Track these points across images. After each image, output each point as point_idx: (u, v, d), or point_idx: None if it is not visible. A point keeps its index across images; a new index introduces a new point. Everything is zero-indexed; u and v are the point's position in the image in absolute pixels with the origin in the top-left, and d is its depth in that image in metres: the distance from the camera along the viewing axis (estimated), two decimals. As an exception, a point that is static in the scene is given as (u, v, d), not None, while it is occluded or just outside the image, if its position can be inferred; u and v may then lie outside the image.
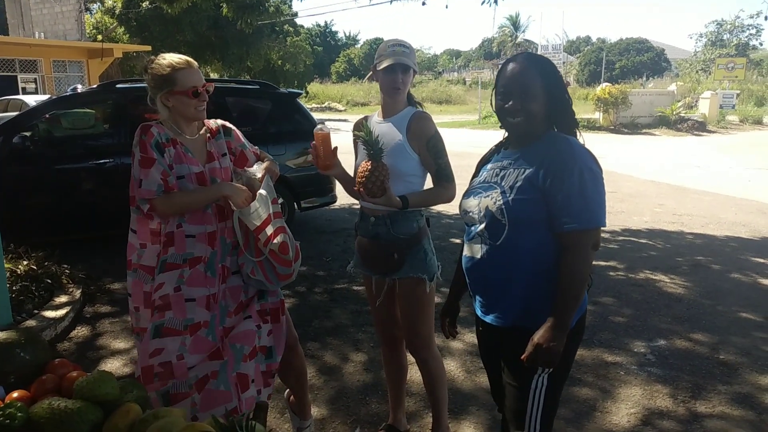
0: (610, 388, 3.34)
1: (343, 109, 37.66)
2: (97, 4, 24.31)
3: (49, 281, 4.54)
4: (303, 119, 6.75)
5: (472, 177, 2.05)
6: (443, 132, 2.50)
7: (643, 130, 22.20)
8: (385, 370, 2.81)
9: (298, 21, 35.43)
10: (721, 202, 9.18)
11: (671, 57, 48.91)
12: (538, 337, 1.75)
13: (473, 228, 1.92)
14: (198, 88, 2.18)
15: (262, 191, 2.28)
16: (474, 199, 1.92)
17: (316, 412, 3.01)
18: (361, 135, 2.22)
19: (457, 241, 6.35)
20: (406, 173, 2.38)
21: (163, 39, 24.93)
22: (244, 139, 2.45)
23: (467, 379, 3.44)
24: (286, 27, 31.26)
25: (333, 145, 2.37)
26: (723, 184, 10.70)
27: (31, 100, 12.87)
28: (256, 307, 2.33)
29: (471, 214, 1.93)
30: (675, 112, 22.99)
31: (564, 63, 33.93)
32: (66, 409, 1.39)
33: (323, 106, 37.87)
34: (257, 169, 2.31)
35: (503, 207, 1.81)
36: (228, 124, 2.41)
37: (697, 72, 38.04)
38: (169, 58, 2.20)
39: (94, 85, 7.00)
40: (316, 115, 7.00)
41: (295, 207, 6.64)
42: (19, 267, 4.53)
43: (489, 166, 1.98)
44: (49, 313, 4.12)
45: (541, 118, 1.86)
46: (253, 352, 2.26)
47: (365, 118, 2.57)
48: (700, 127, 22.24)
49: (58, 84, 21.69)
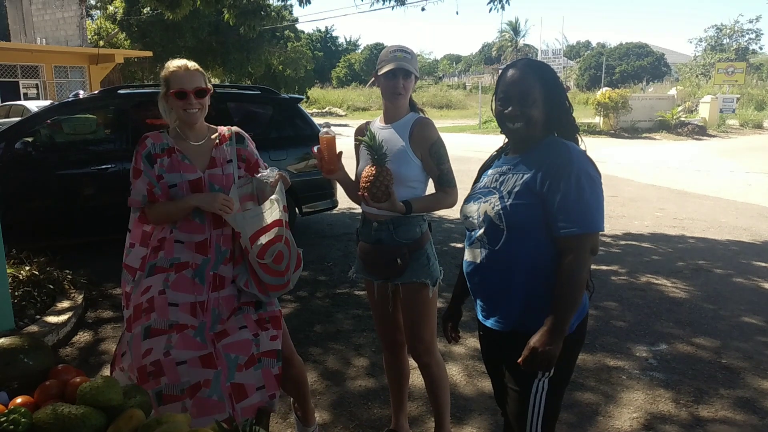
0: (613, 393, 3.33)
1: (343, 114, 37.72)
2: (99, 11, 24.37)
3: (51, 286, 4.54)
4: (304, 124, 6.76)
5: (474, 182, 2.06)
6: (444, 137, 2.51)
7: (644, 135, 22.22)
8: (387, 374, 2.81)
9: (299, 26, 35.52)
10: (722, 206, 9.18)
11: (671, 61, 49.01)
12: (534, 340, 1.75)
13: (473, 233, 1.93)
14: (184, 90, 2.19)
15: (274, 196, 2.29)
16: (474, 204, 1.94)
17: (318, 417, 3.00)
18: (365, 140, 2.22)
19: (458, 245, 6.35)
20: (409, 179, 2.38)
21: (164, 45, 25.01)
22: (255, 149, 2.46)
23: (469, 383, 3.44)
24: (286, 32, 31.38)
25: (338, 149, 2.38)
26: (724, 188, 10.70)
27: (33, 106, 12.93)
28: (253, 317, 2.31)
29: (471, 219, 1.93)
30: (675, 117, 23.01)
31: (564, 68, 33.98)
32: (70, 414, 1.39)
33: (324, 111, 37.95)
34: (270, 174, 2.31)
35: (501, 212, 1.82)
36: (242, 132, 2.41)
37: (697, 76, 38.10)
38: (171, 62, 2.26)
39: (96, 91, 7.01)
40: (316, 120, 7.00)
41: (296, 212, 6.65)
42: (21, 272, 4.54)
43: (490, 171, 1.99)
44: (52, 319, 4.12)
45: (541, 123, 1.87)
46: (251, 361, 2.23)
47: (367, 124, 2.57)
48: (700, 131, 22.25)
49: (60, 90, 21.76)
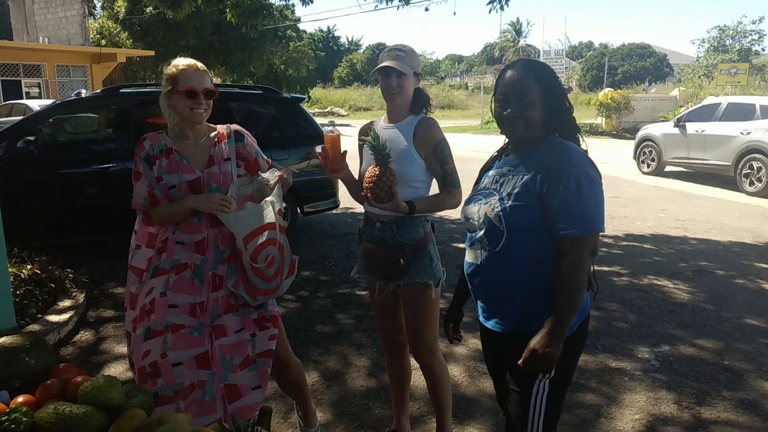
0: (615, 394, 3.33)
1: (345, 113, 37.73)
2: (104, 10, 24.40)
3: (52, 285, 4.54)
4: (306, 124, 6.76)
5: (475, 183, 2.05)
6: (446, 137, 2.50)
7: (646, 135, 22.15)
8: (389, 375, 2.81)
9: (301, 26, 35.53)
10: (724, 207, 9.16)
11: (673, 62, 48.92)
12: (534, 342, 1.74)
13: (474, 234, 1.93)
14: (194, 89, 2.19)
15: (270, 198, 2.29)
16: (474, 206, 1.93)
17: (319, 417, 3.00)
18: (369, 140, 2.22)
19: (460, 246, 6.34)
20: (412, 179, 2.38)
21: (167, 44, 25.04)
22: (257, 146, 2.44)
23: (471, 384, 3.43)
24: (288, 32, 31.39)
25: (342, 148, 2.37)
26: (726, 189, 10.69)
27: (35, 105, 12.93)
28: (252, 316, 2.30)
29: (472, 220, 1.93)
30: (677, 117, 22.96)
31: (566, 68, 33.96)
32: (71, 414, 1.39)
33: (326, 110, 37.96)
34: (270, 176, 2.31)
35: (501, 214, 1.81)
36: (241, 130, 2.40)
37: (699, 77, 37.97)
38: (179, 61, 2.24)
39: (98, 90, 7.02)
40: (318, 120, 7.01)
41: (298, 211, 6.65)
42: (23, 271, 4.54)
43: (490, 172, 1.99)
44: (53, 318, 4.12)
45: (540, 124, 1.86)
46: (246, 361, 2.22)
47: (371, 123, 2.57)
48: (702, 132, 22.18)
49: (62, 88, 21.80)
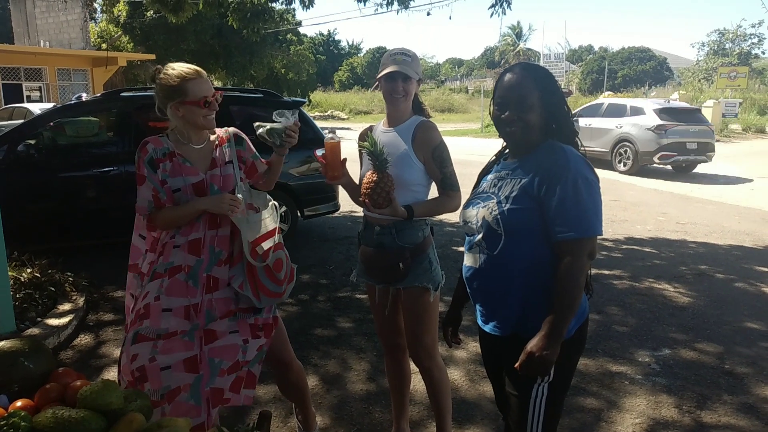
0: (615, 398, 3.32)
1: (345, 117, 37.76)
2: (104, 14, 24.44)
3: (52, 289, 4.54)
4: (306, 128, 6.74)
5: (474, 187, 2.06)
6: (446, 140, 2.51)
7: (646, 139, 22.17)
8: (388, 378, 2.80)
9: (302, 30, 35.60)
10: (724, 210, 9.16)
11: (673, 66, 48.99)
12: (531, 345, 1.74)
13: (472, 238, 1.93)
14: (208, 98, 2.19)
15: (273, 202, 2.30)
16: (473, 209, 1.93)
17: (319, 421, 2.99)
18: (366, 146, 2.22)
19: (459, 249, 6.34)
20: (411, 182, 2.38)
21: (167, 48, 25.09)
22: (255, 151, 2.45)
23: (471, 388, 3.43)
24: (289, 36, 31.43)
25: (342, 156, 2.36)
26: (726, 193, 10.69)
27: (36, 109, 12.96)
28: (249, 321, 2.28)
29: (470, 224, 1.93)
30: (678, 121, 22.97)
31: (566, 72, 33.98)
32: (70, 418, 1.39)
33: (326, 114, 37.98)
34: (288, 119, 2.33)
35: (499, 217, 1.81)
36: (241, 134, 2.41)
37: (699, 81, 38.03)
38: (179, 69, 2.20)
39: (99, 94, 7.03)
40: (319, 124, 7.02)
41: (298, 215, 6.65)
42: (23, 275, 4.54)
43: (489, 176, 1.99)
44: (53, 321, 4.12)
45: (538, 128, 1.86)
46: (235, 366, 2.20)
47: (370, 128, 2.58)
48: (702, 135, 22.19)
49: (63, 92, 21.84)
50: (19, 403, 1.54)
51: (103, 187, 5.87)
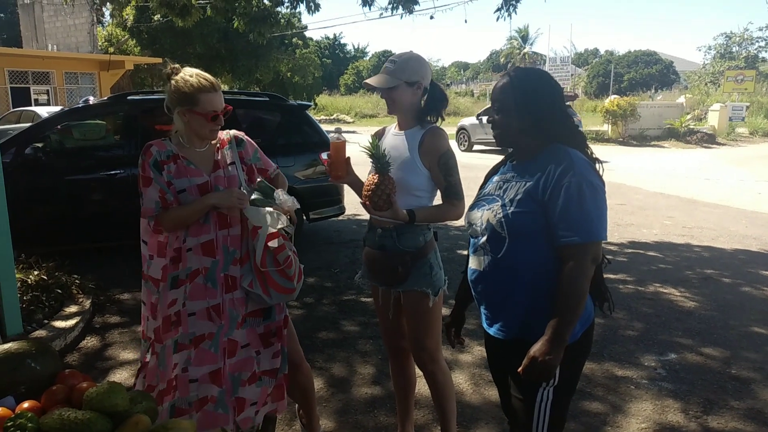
0: (621, 403, 3.31)
1: (351, 120, 37.80)
2: (112, 18, 24.59)
3: (59, 291, 4.56)
4: (312, 131, 6.78)
5: (480, 188, 2.06)
6: (451, 143, 2.50)
7: (652, 143, 22.13)
8: (393, 382, 2.80)
9: (308, 33, 35.71)
10: (731, 214, 9.12)
11: (680, 69, 48.81)
12: (534, 350, 1.74)
13: (477, 240, 1.93)
14: (218, 113, 2.20)
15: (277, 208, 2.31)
16: (478, 212, 1.93)
17: (323, 424, 3.00)
18: (368, 149, 2.23)
19: (464, 252, 6.32)
20: (415, 188, 2.38)
21: (174, 51, 25.21)
22: (256, 153, 2.44)
23: (476, 392, 3.42)
24: (295, 40, 31.52)
25: (347, 155, 2.37)
26: (733, 197, 10.64)
27: (44, 112, 13.02)
28: (258, 330, 2.33)
29: (475, 226, 1.93)
30: (684, 125, 22.91)
31: (572, 75, 33.85)
32: (76, 419, 1.39)
33: (332, 117, 38.03)
34: (286, 203, 2.34)
35: (503, 220, 1.81)
36: (240, 135, 2.41)
37: (706, 84, 37.87)
38: (197, 78, 2.18)
39: (106, 97, 7.07)
40: (324, 127, 7.03)
41: (304, 218, 6.66)
42: (30, 277, 4.56)
43: (495, 178, 1.99)
44: (59, 324, 4.14)
45: (521, 131, 1.86)
46: (253, 378, 2.29)
47: (383, 130, 2.59)
48: (709, 139, 22.13)
49: (70, 96, 21.95)
50: (25, 404, 1.55)
51: (109, 190, 5.90)
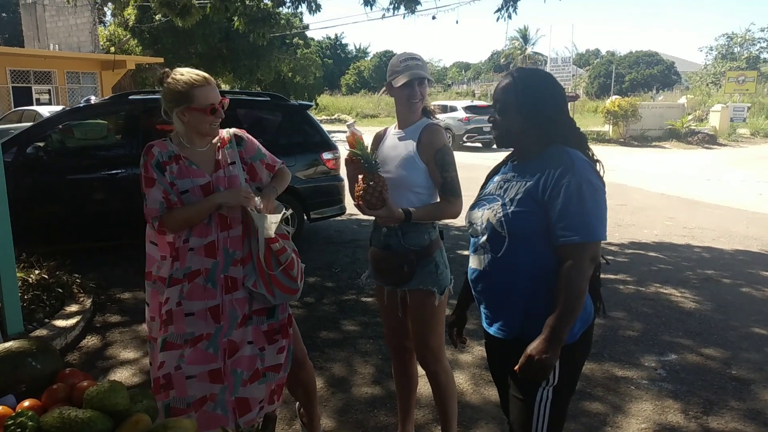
0: (621, 403, 3.31)
1: (352, 121, 37.56)
2: (114, 17, 24.62)
3: (60, 290, 4.57)
4: (313, 131, 6.79)
5: (481, 188, 2.06)
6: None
7: (653, 143, 22.13)
8: (395, 381, 2.80)
9: (309, 33, 35.69)
10: (732, 215, 9.11)
11: (681, 70, 48.80)
12: (531, 348, 1.74)
13: (477, 240, 1.93)
14: (215, 106, 2.20)
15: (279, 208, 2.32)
16: (478, 211, 1.94)
17: (324, 424, 3.00)
18: (356, 150, 2.24)
19: (464, 253, 6.32)
20: (416, 184, 2.39)
21: (175, 51, 25.24)
22: (258, 150, 2.42)
23: (476, 392, 3.42)
24: (296, 40, 31.52)
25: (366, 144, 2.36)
26: (734, 198, 10.63)
27: (45, 111, 13.04)
28: (262, 328, 2.31)
29: (475, 225, 1.94)
30: (685, 125, 22.90)
31: (573, 76, 33.80)
32: (76, 418, 1.39)
33: (333, 117, 38.02)
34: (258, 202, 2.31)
35: (503, 219, 1.82)
36: (241, 134, 2.40)
37: (707, 85, 37.86)
38: (187, 75, 2.19)
39: (107, 97, 7.08)
40: (326, 127, 7.05)
41: (305, 218, 6.66)
42: (31, 276, 4.57)
43: (496, 178, 1.99)
44: (60, 323, 4.14)
45: (521, 132, 1.87)
46: (255, 375, 2.26)
47: (385, 131, 2.60)
48: (710, 140, 22.12)
49: (72, 95, 21.98)
50: (26, 402, 1.56)
51: (111, 190, 5.90)
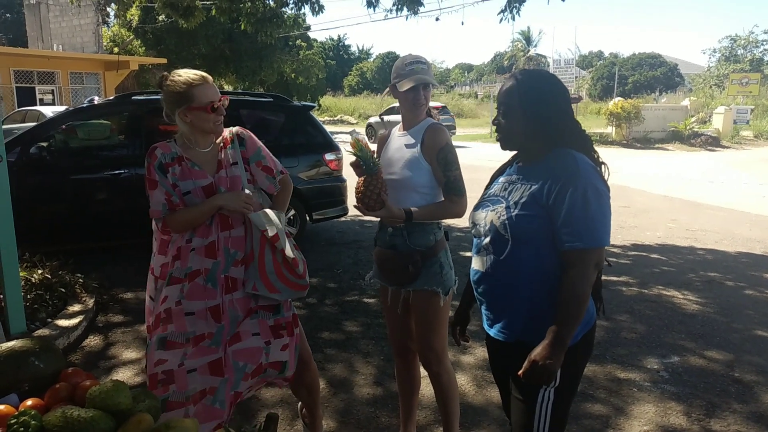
0: (623, 405, 3.30)
1: (355, 122, 37.81)
2: (118, 19, 24.68)
3: (62, 290, 4.58)
4: (315, 132, 6.79)
5: (486, 188, 2.06)
6: (454, 145, 2.51)
7: (656, 145, 22.11)
8: (398, 382, 2.80)
9: (312, 34, 35.67)
10: (735, 217, 9.10)
11: (684, 72, 48.74)
12: (534, 353, 1.74)
13: (480, 241, 1.93)
14: (215, 103, 2.20)
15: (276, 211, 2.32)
16: (482, 212, 1.93)
17: (325, 424, 3.00)
18: (354, 151, 2.25)
19: (467, 254, 6.32)
20: (420, 185, 2.39)
21: (179, 52, 25.28)
22: (258, 151, 2.41)
23: (478, 393, 3.42)
24: (298, 41, 31.56)
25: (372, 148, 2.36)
26: (737, 200, 10.61)
27: (48, 111, 13.06)
28: (269, 323, 2.30)
29: (478, 227, 1.93)
30: (688, 127, 22.89)
31: (576, 77, 33.87)
32: (79, 417, 1.40)
33: (336, 119, 38.08)
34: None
35: (506, 222, 1.81)
36: (243, 133, 2.39)
37: (710, 87, 37.82)
38: (185, 75, 2.20)
39: (111, 97, 7.10)
40: (328, 128, 7.06)
41: (307, 219, 6.67)
42: (34, 276, 4.57)
43: (501, 179, 1.99)
44: (63, 322, 4.15)
45: (525, 134, 1.86)
46: (258, 370, 2.24)
47: (388, 133, 2.60)
48: (713, 142, 22.10)
49: (75, 95, 22.03)
50: (29, 402, 1.56)
51: (114, 190, 5.92)
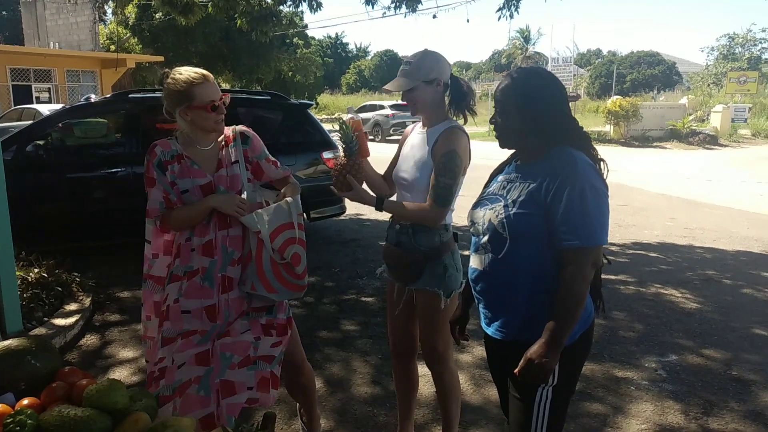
0: (621, 404, 3.30)
1: (353, 108, 37.82)
2: (115, 15, 24.63)
3: (59, 289, 4.56)
4: (313, 130, 6.78)
5: (484, 186, 2.05)
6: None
7: (654, 144, 22.12)
8: (395, 382, 2.79)
9: (310, 33, 35.67)
10: (733, 216, 9.11)
11: (682, 70, 48.81)
12: (531, 352, 1.74)
13: (478, 239, 1.93)
14: (216, 102, 2.19)
15: (289, 199, 2.33)
16: (480, 211, 1.93)
17: (323, 423, 2.99)
18: (338, 132, 2.27)
19: (465, 253, 6.32)
20: (424, 186, 2.34)
21: (176, 49, 25.25)
22: (263, 148, 2.41)
23: (476, 392, 3.42)
24: (296, 39, 31.53)
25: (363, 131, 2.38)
26: (735, 198, 10.63)
27: (45, 110, 13.04)
28: (261, 321, 2.30)
29: (477, 225, 1.93)
30: (686, 126, 22.90)
31: (574, 76, 33.86)
32: (75, 417, 1.39)
33: (333, 117, 37.98)
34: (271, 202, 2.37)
35: (505, 221, 1.81)
36: (247, 132, 2.37)
37: (708, 85, 37.84)
38: (186, 73, 2.19)
39: (108, 95, 7.08)
40: (326, 126, 7.05)
41: (305, 217, 6.65)
42: (30, 275, 4.56)
43: (500, 177, 1.98)
44: (59, 321, 4.14)
45: (521, 133, 1.86)
46: (245, 361, 2.21)
47: (414, 125, 2.57)
48: (711, 140, 22.12)
49: (72, 93, 21.99)
50: (25, 401, 1.55)
51: (111, 188, 5.89)
